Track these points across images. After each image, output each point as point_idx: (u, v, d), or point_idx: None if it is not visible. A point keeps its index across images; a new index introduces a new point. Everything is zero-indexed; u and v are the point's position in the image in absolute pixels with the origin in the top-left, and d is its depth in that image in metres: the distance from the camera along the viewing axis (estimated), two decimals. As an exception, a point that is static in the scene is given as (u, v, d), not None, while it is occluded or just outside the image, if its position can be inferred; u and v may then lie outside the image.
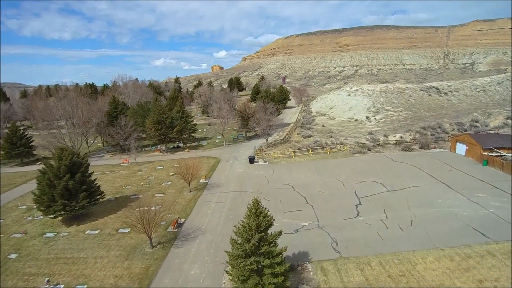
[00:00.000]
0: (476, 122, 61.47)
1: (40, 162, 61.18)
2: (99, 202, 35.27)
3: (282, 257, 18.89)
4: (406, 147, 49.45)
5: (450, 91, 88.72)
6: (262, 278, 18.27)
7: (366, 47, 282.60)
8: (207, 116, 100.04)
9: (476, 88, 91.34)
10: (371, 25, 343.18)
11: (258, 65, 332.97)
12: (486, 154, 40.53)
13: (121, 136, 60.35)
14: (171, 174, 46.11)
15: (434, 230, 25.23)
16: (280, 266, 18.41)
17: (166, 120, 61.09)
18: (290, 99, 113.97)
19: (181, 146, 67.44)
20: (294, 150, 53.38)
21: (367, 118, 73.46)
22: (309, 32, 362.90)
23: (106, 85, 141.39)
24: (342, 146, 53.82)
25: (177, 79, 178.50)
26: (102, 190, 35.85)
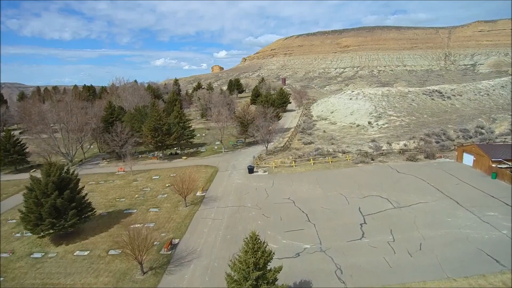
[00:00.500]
0: (481, 128, 59.76)
1: (34, 169, 59.58)
2: (91, 218, 33.58)
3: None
4: (411, 157, 47.77)
5: (454, 95, 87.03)
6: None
7: (366, 48, 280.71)
8: (206, 119, 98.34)
9: (479, 92, 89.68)
10: (372, 25, 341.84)
11: (258, 66, 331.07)
12: (495, 166, 38.88)
13: (116, 143, 58.66)
14: (167, 185, 44.42)
15: (445, 256, 23.54)
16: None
17: (163, 127, 59.36)
18: (290, 102, 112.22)
19: (178, 152, 65.76)
20: (295, 159, 51.69)
21: (369, 123, 71.75)
22: (309, 32, 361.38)
23: (104, 87, 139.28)
24: (345, 154, 52.15)
25: (176, 81, 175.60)
26: (95, 203, 34.25)
